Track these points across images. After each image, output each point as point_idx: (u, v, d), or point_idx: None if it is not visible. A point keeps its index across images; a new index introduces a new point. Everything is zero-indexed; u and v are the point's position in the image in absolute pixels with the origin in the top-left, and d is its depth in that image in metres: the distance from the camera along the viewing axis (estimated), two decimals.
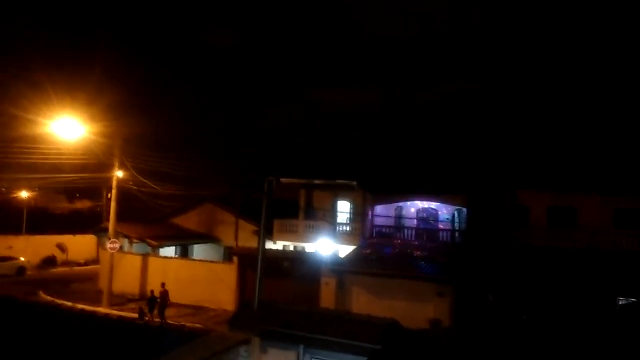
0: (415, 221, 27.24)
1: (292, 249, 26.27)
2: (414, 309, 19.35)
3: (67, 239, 36.24)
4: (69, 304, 22.94)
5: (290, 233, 26.10)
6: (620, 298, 18.97)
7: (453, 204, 25.86)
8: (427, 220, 27.36)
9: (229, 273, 23.50)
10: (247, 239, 26.28)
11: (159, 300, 20.62)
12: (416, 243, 24.30)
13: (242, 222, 26.95)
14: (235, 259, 23.59)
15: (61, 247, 35.74)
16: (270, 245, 25.24)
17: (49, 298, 24.30)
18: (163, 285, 21.10)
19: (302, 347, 11.84)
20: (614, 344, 16.19)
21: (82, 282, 28.69)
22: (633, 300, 18.83)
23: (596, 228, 21.96)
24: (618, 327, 17.78)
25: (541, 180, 23.51)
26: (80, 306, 22.55)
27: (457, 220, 26.26)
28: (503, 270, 20.10)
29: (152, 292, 21.09)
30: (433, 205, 27.23)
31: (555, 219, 22.85)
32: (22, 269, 31.01)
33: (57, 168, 24.78)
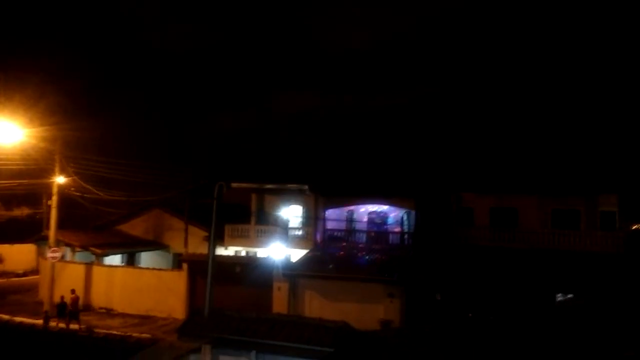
0: (366, 224, 27.68)
1: (243, 254, 26.04)
2: (365, 311, 19.65)
3: (4, 249, 34.29)
4: (6, 316, 21.74)
5: (241, 238, 25.86)
6: (558, 294, 20.03)
7: (402, 207, 26.46)
8: (377, 222, 27.85)
9: (178, 280, 23.00)
10: (198, 245, 25.82)
11: (69, 307, 20.52)
12: (367, 245, 24.70)
13: (191, 228, 26.44)
14: (185, 265, 23.12)
15: None
16: (221, 251, 24.92)
17: None
18: (73, 291, 21.05)
19: (254, 352, 11.81)
20: (553, 338, 17.08)
21: (21, 293, 27.21)
22: (570, 295, 19.94)
23: (535, 228, 23.09)
24: (556, 322, 18.75)
25: (484, 182, 24.51)
26: (18, 319, 21.41)
27: (405, 222, 26.88)
28: (450, 270, 20.77)
29: (62, 297, 20.84)
30: (383, 208, 27.76)
31: (497, 219, 23.86)
32: None
33: None
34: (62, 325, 20.35)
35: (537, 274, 20.09)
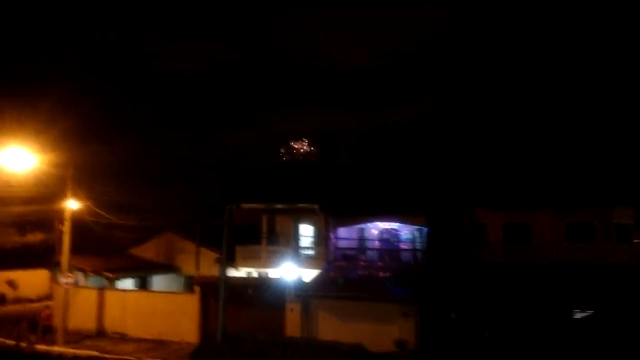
0: (377, 242, 27.44)
1: (255, 275, 25.91)
2: (380, 331, 19.37)
3: (18, 275, 34.43)
4: (23, 344, 21.75)
5: (252, 259, 25.77)
6: (576, 310, 19.61)
7: (413, 224, 26.20)
8: (388, 240, 27.61)
9: (191, 303, 22.91)
10: (209, 268, 25.71)
11: (42, 322, 21.82)
12: (379, 264, 24.46)
13: (203, 250, 26.40)
14: (197, 288, 23.06)
15: (11, 284, 33.92)
16: (232, 273, 24.83)
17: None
18: (47, 307, 22.65)
19: None
20: (572, 357, 16.69)
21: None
22: (589, 312, 19.49)
23: (550, 242, 22.75)
24: (574, 340, 18.32)
25: (496, 198, 24.26)
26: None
27: (417, 239, 26.62)
28: (464, 288, 20.47)
29: (35, 315, 21.95)
30: (394, 225, 27.54)
31: (511, 235, 23.53)
32: None
33: (5, 200, 23.74)
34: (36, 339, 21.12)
35: (554, 289, 19.73)
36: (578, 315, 19.63)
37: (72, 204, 22.78)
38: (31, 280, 34.40)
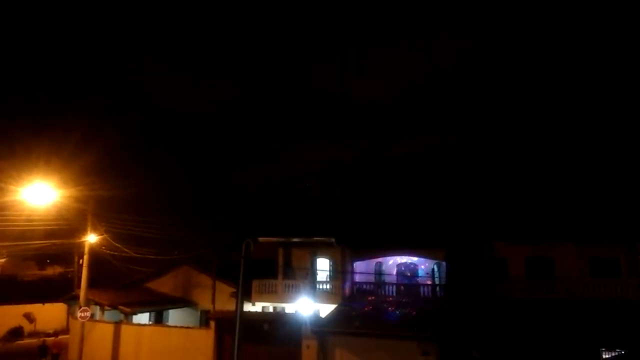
0: (395, 276, 26.99)
1: (271, 309, 25.58)
2: None
3: (36, 308, 34.61)
4: None
5: (269, 293, 25.50)
6: (603, 349, 18.82)
7: (432, 258, 25.80)
8: (406, 275, 27.13)
9: (206, 339, 22.60)
10: (225, 302, 25.53)
11: (50, 347, 23.62)
12: (397, 299, 23.97)
13: (219, 284, 26.27)
14: (212, 323, 22.79)
15: (29, 317, 34.04)
16: (248, 307, 24.57)
17: None
18: (56, 335, 25.64)
19: None
20: None
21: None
22: (618, 351, 18.70)
23: (573, 278, 22.11)
24: None
25: (517, 231, 23.77)
26: None
27: (436, 274, 26.12)
28: (486, 325, 19.86)
29: (44, 341, 24.30)
30: (412, 259, 27.12)
31: (533, 269, 22.95)
32: None
33: (26, 234, 24.02)
34: None
35: (579, 326, 19.03)
36: (606, 355, 18.81)
37: (91, 238, 22.98)
38: (48, 314, 34.54)
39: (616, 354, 18.70)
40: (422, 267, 27.02)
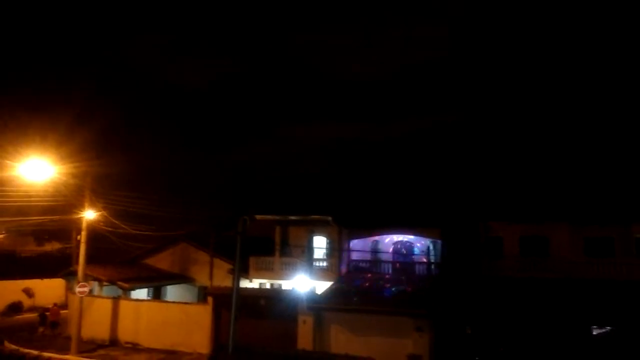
0: (391, 255, 27.25)
1: (268, 286, 25.86)
2: (393, 345, 19.13)
3: (35, 283, 34.89)
4: (35, 352, 21.89)
5: (266, 270, 25.75)
6: (594, 326, 19.15)
7: (428, 237, 26.01)
8: (402, 253, 27.39)
9: (203, 314, 22.89)
10: (223, 278, 25.79)
11: (48, 315, 25.21)
12: (393, 276, 24.25)
13: (217, 261, 26.48)
14: (210, 299, 23.05)
15: (28, 292, 34.36)
16: (246, 284, 24.82)
17: (13, 346, 23.15)
18: (55, 304, 26.10)
19: None
20: None
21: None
22: (607, 328, 19.03)
23: (567, 257, 22.34)
24: (592, 357, 17.89)
25: (513, 210, 23.93)
26: (47, 354, 21.52)
27: (432, 252, 26.37)
28: (480, 302, 20.15)
29: (44, 310, 26.02)
30: (408, 238, 27.33)
31: (527, 248, 23.18)
32: None
33: (24, 210, 24.05)
34: (45, 331, 25.31)
35: (571, 304, 19.32)
36: (596, 332, 19.16)
37: (89, 214, 23.03)
38: (47, 289, 34.82)
39: (605, 330, 19.06)
40: (418, 245, 27.26)
